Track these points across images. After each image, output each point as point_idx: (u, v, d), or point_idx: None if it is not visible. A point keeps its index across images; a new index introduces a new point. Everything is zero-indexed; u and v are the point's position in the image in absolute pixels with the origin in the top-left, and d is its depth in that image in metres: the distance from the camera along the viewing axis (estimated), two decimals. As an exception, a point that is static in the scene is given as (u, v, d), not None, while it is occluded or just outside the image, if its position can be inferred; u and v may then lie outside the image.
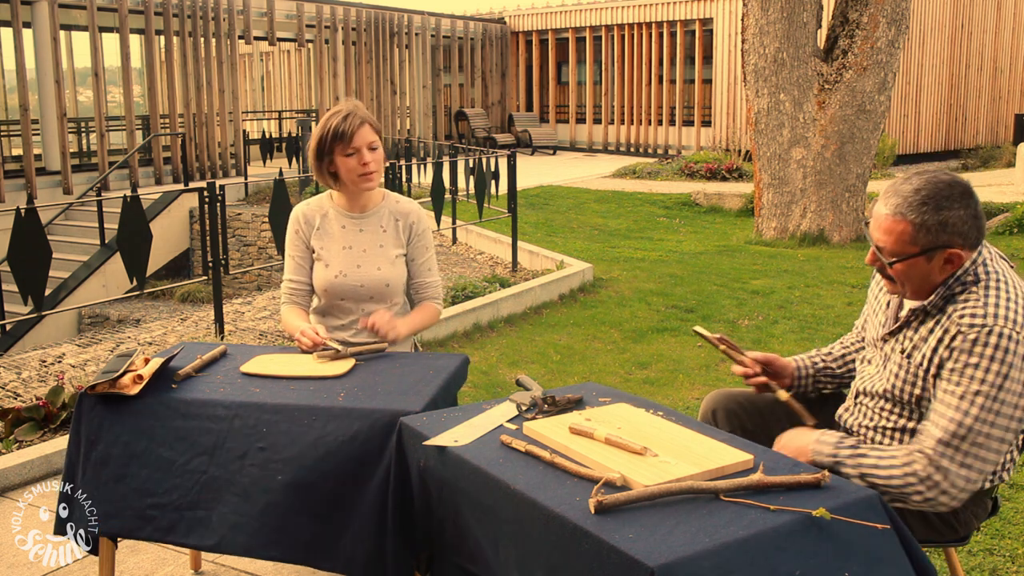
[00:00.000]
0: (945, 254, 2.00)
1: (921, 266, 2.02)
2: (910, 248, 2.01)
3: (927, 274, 2.03)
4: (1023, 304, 1.98)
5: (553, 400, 2.17)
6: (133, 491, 2.37)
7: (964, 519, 2.13)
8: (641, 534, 1.55)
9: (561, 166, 18.53)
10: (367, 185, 2.86)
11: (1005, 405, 1.93)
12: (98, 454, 2.39)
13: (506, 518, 1.78)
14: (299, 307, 2.95)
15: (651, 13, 21.31)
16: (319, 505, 2.25)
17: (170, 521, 2.35)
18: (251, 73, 25.03)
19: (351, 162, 2.82)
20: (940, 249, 2.00)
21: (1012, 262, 2.15)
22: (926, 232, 1.99)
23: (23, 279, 4.68)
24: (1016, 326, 1.94)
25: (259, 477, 2.27)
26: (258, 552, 2.32)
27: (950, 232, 1.98)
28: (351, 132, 2.79)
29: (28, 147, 13.70)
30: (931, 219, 1.98)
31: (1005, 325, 1.93)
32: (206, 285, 9.98)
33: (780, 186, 9.92)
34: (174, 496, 2.34)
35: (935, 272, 2.03)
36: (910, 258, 2.02)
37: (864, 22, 9.46)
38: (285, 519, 2.26)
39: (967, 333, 1.95)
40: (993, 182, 13.66)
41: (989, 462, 1.95)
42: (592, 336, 6.07)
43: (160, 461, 2.36)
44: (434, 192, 7.82)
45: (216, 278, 5.67)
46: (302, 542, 2.27)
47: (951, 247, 1.99)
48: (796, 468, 1.85)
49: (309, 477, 2.25)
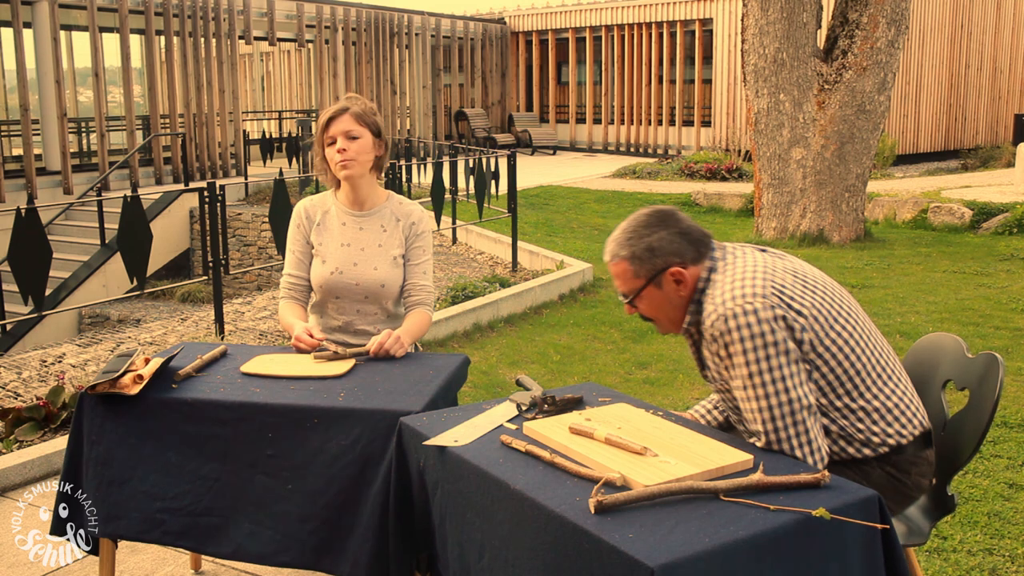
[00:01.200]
0: (668, 275, 2.08)
1: (656, 296, 2.10)
2: (637, 282, 2.10)
3: (667, 301, 2.11)
4: (752, 272, 2.02)
5: (553, 400, 2.17)
6: (141, 494, 2.38)
7: (915, 480, 2.12)
8: (641, 534, 1.55)
9: (561, 166, 18.53)
10: (343, 173, 2.84)
11: (774, 371, 1.94)
12: (99, 455, 2.39)
13: (506, 518, 1.78)
14: (297, 303, 2.94)
15: (651, 13, 21.32)
16: (327, 510, 2.28)
17: (183, 526, 2.37)
18: (251, 73, 25.03)
19: (331, 152, 2.83)
20: (661, 272, 2.08)
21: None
22: (640, 262, 2.08)
23: (23, 279, 4.68)
24: (745, 301, 1.96)
25: (271, 486, 2.31)
26: (271, 559, 2.35)
27: (662, 254, 2.07)
28: (330, 121, 2.82)
29: (28, 147, 13.70)
30: (638, 248, 2.08)
31: (734, 305, 1.96)
32: (206, 285, 9.98)
33: (780, 186, 9.92)
34: (186, 501, 2.36)
35: (673, 296, 2.10)
36: (641, 291, 2.10)
37: (864, 22, 9.46)
38: (296, 526, 2.30)
39: (709, 331, 2.01)
40: (993, 182, 13.66)
41: (807, 419, 1.96)
42: (592, 336, 6.07)
43: (168, 465, 2.37)
44: (434, 192, 7.82)
45: (216, 278, 5.67)
46: (312, 548, 2.30)
47: (669, 267, 2.07)
48: (796, 468, 1.85)
49: (317, 484, 2.28)
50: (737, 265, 2.07)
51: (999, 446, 3.89)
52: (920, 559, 2.90)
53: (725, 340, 1.97)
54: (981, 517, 3.23)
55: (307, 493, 2.28)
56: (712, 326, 1.99)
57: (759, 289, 1.98)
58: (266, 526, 2.32)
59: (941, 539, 3.06)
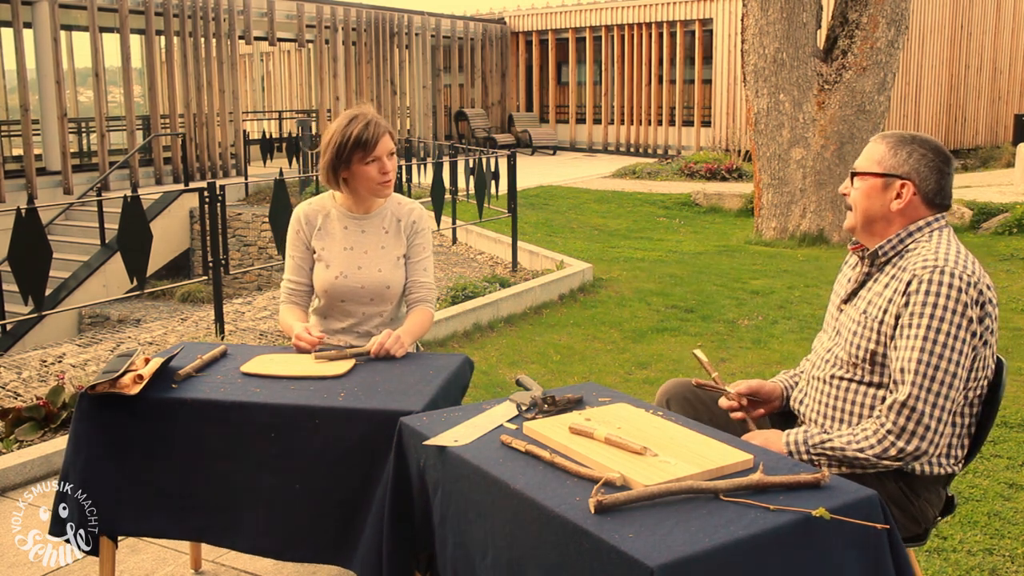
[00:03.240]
0: (898, 185, 2.16)
1: (875, 192, 2.19)
2: (875, 167, 2.19)
3: (879, 202, 2.18)
4: (972, 260, 2.11)
5: (553, 400, 2.17)
6: (153, 492, 2.41)
7: (920, 507, 2.16)
8: (641, 534, 1.55)
9: (561, 166, 18.53)
10: (385, 192, 2.88)
11: (957, 340, 2.01)
12: (101, 454, 2.40)
13: (506, 518, 1.78)
14: (298, 307, 2.94)
15: (651, 13, 21.31)
16: (337, 508, 2.31)
17: (201, 523, 2.42)
18: (251, 73, 25.03)
19: (370, 170, 2.81)
20: (896, 179, 2.16)
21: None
22: (893, 156, 2.17)
23: (23, 279, 4.68)
24: (966, 271, 2.04)
25: (278, 485, 2.33)
26: (289, 555, 2.41)
27: (911, 166, 2.16)
28: (375, 140, 2.79)
29: (28, 147, 13.70)
30: (902, 148, 2.17)
31: (955, 267, 2.04)
32: (206, 285, 9.98)
33: (780, 186, 9.92)
34: (201, 498, 2.40)
35: (887, 204, 2.17)
36: (871, 175, 2.19)
37: (864, 22, 9.46)
38: (309, 522, 2.33)
39: (921, 275, 2.05)
40: (993, 182, 13.66)
41: (952, 400, 2.03)
42: (592, 336, 6.07)
43: (177, 464, 2.39)
44: (434, 192, 7.82)
45: (216, 278, 5.67)
46: (327, 542, 2.33)
47: (907, 179, 2.15)
48: (796, 468, 1.85)
49: (323, 483, 2.30)
50: (957, 243, 2.15)
51: (999, 446, 3.89)
52: (920, 559, 2.90)
53: (930, 288, 2.02)
54: (981, 517, 3.23)
55: (316, 492, 2.31)
56: (926, 269, 2.05)
57: (981, 276, 2.07)
58: (280, 524, 2.36)
59: (941, 539, 3.06)
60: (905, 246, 2.16)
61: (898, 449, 2.01)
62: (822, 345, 2.32)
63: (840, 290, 2.34)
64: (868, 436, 2.04)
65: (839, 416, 2.20)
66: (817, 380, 2.27)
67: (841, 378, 2.19)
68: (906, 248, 2.16)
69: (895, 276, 2.13)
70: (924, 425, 2.00)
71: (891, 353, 2.09)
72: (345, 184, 2.87)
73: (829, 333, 2.31)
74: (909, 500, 2.14)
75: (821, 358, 2.28)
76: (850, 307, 2.23)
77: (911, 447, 2.01)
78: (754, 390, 2.40)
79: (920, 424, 2.00)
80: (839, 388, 2.20)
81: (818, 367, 2.28)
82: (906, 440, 2.01)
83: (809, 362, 2.36)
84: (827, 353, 2.26)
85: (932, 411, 2.00)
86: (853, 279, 2.28)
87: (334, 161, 2.82)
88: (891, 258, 2.18)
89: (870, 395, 2.14)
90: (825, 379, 2.24)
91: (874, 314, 2.13)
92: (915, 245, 2.15)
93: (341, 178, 2.86)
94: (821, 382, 2.25)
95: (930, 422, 2.00)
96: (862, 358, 2.14)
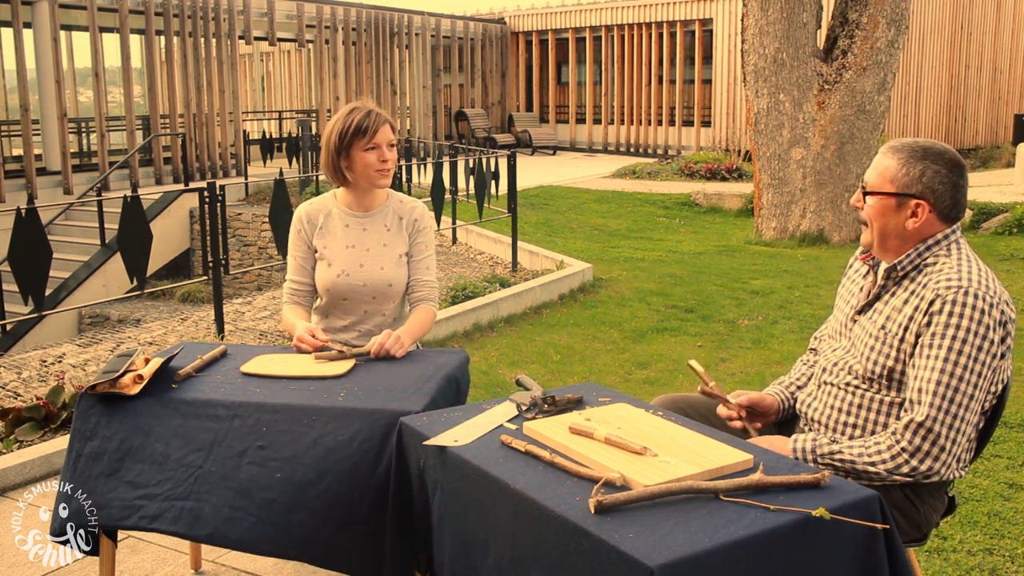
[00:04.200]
0: (913, 205, 2.11)
1: (888, 210, 2.14)
2: (887, 186, 2.13)
3: (893, 220, 2.14)
4: (992, 278, 2.09)
5: (553, 400, 2.17)
6: (125, 484, 2.36)
7: (925, 514, 2.16)
8: (641, 534, 1.55)
9: (561, 166, 18.53)
10: (383, 181, 2.88)
11: (977, 363, 2.00)
12: (92, 450, 2.39)
13: (506, 518, 1.78)
14: (301, 307, 2.94)
15: (651, 13, 21.31)
16: (316, 503, 2.25)
17: (158, 509, 2.33)
18: (251, 73, 25.03)
19: (370, 157, 2.83)
20: (910, 198, 2.11)
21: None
22: (905, 173, 2.11)
23: (23, 279, 4.68)
24: (989, 291, 2.03)
25: (257, 474, 2.28)
26: (252, 546, 2.32)
27: (926, 184, 2.10)
28: (375, 128, 2.82)
29: (28, 147, 13.70)
30: (914, 165, 2.10)
31: (979, 288, 2.02)
32: (206, 285, 9.98)
33: (780, 186, 9.92)
34: (166, 487, 2.33)
35: (902, 223, 2.13)
36: (883, 195, 2.14)
37: (864, 22, 9.46)
38: (282, 516, 2.26)
39: (945, 295, 2.03)
40: (993, 182, 13.66)
41: (969, 423, 2.02)
42: (592, 336, 6.07)
43: (155, 456, 2.36)
44: (434, 192, 7.82)
45: (216, 278, 5.67)
46: (297, 538, 2.26)
47: (921, 199, 2.10)
48: (796, 468, 1.85)
49: (308, 475, 2.25)
50: (976, 258, 2.13)
51: (999, 446, 3.89)
52: (920, 559, 2.90)
53: (953, 310, 2.01)
54: (981, 517, 3.24)
55: (297, 484, 2.25)
56: (949, 290, 2.03)
57: (1003, 295, 2.07)
58: (248, 512, 2.27)
59: (941, 539, 3.06)
60: (923, 260, 2.13)
61: (911, 467, 2.01)
62: (833, 352, 2.29)
63: (851, 298, 2.31)
64: (881, 451, 2.03)
65: (852, 422, 2.18)
66: (831, 385, 2.25)
67: (857, 387, 2.18)
68: (924, 262, 2.13)
69: (915, 292, 2.10)
70: (940, 447, 1.99)
71: (909, 371, 2.07)
72: (345, 175, 2.88)
73: (841, 342, 2.28)
74: (914, 506, 2.13)
75: (833, 364, 2.26)
76: (866, 320, 2.20)
77: (924, 467, 2.00)
78: (754, 403, 2.39)
79: (936, 445, 1.99)
80: (855, 395, 2.18)
81: (831, 372, 2.26)
82: (920, 459, 2.00)
83: (818, 365, 2.34)
84: (841, 362, 2.24)
85: (949, 433, 1.99)
86: (867, 289, 2.25)
87: (335, 148, 2.84)
88: (908, 272, 2.15)
89: (886, 404, 2.13)
90: (840, 385, 2.21)
91: (893, 331, 2.11)
92: (934, 260, 2.12)
93: (342, 167, 2.86)
94: (836, 388, 2.23)
95: (946, 443, 2.00)
96: (879, 374, 2.12)
